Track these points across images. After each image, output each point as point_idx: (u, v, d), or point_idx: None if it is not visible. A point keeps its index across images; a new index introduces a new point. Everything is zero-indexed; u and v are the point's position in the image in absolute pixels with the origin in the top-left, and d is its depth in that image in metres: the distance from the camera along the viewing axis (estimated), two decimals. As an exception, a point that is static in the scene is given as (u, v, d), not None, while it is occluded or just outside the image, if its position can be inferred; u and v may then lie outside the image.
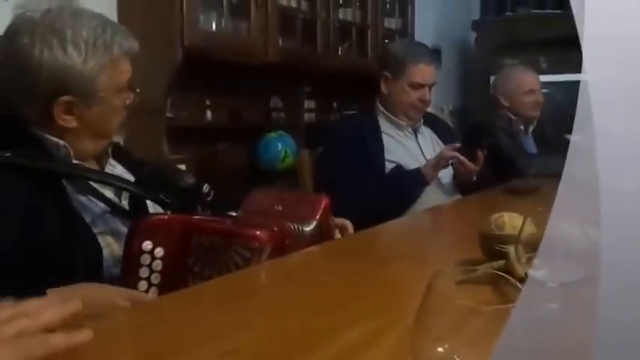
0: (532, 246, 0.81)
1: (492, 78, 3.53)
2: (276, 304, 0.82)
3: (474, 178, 2.01)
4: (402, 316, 0.67)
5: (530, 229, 0.82)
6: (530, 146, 2.61)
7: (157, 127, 2.00)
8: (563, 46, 3.63)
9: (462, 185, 2.03)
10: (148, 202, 1.14)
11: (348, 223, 1.29)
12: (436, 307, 0.47)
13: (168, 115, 2.09)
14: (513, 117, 2.61)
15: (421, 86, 2.03)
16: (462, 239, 1.03)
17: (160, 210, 1.14)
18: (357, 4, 2.78)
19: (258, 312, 0.78)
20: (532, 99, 2.60)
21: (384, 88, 2.07)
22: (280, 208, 1.15)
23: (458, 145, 1.94)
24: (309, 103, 2.85)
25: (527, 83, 2.61)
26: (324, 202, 1.16)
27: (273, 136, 2.52)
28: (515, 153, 2.44)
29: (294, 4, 2.47)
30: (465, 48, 4.06)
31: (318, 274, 0.96)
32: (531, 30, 3.62)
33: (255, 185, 2.47)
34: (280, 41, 2.35)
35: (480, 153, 1.96)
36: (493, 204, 1.72)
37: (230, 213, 1.15)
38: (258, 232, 1.00)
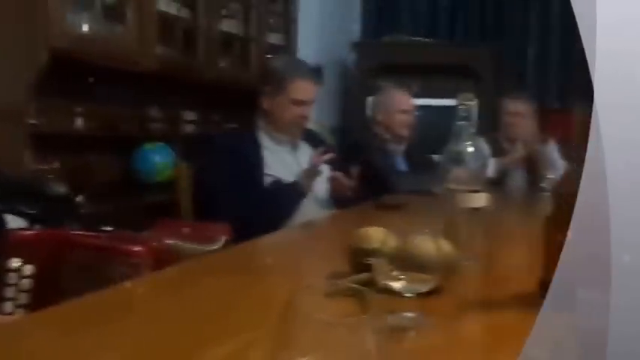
0: (395, 259, 0.87)
1: (369, 98, 3.73)
2: (146, 322, 0.81)
3: (349, 193, 2.09)
4: (271, 329, 0.69)
5: (393, 242, 0.88)
6: (401, 165, 2.77)
7: (18, 133, 1.86)
8: (433, 73, 3.94)
9: (338, 200, 2.11)
10: (8, 216, 1.06)
11: None
12: (296, 322, 0.49)
13: (32, 121, 1.95)
14: (387, 136, 2.76)
15: (302, 103, 2.09)
16: (335, 252, 1.07)
17: (21, 224, 1.07)
18: (241, 16, 2.80)
19: (126, 331, 0.76)
20: (404, 118, 2.77)
21: (265, 104, 2.10)
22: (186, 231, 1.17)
23: (323, 148, 2.01)
24: (189, 115, 2.81)
25: (401, 103, 2.79)
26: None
27: (150, 148, 2.45)
28: (387, 171, 2.59)
29: (174, 11, 2.42)
30: (347, 67, 4.23)
31: (194, 289, 0.96)
32: (406, 55, 3.87)
33: (131, 198, 2.40)
34: (159, 49, 2.30)
35: (354, 169, 2.05)
36: (365, 218, 1.81)
37: (105, 228, 1.11)
38: (137, 248, 0.98)
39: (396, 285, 0.77)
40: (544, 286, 0.91)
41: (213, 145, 2.12)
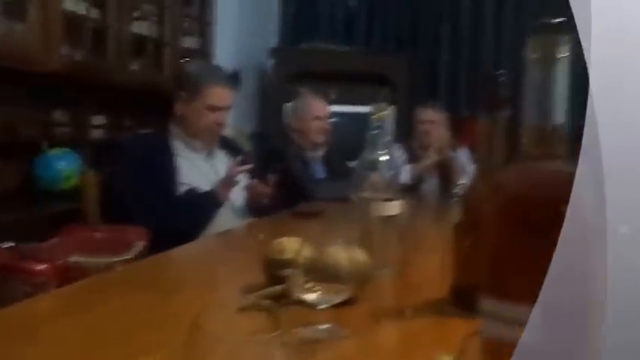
0: (310, 269, 0.86)
1: (287, 105, 3.74)
2: (48, 344, 0.75)
3: (266, 201, 2.08)
4: (180, 349, 0.66)
5: (308, 252, 0.88)
6: (319, 172, 2.80)
7: None
8: (350, 80, 4.02)
9: (255, 208, 2.09)
10: None
11: None
12: (207, 340, 0.48)
13: None
14: (303, 143, 2.78)
15: (217, 109, 2.05)
16: (252, 263, 1.05)
17: None
18: (154, 18, 2.71)
19: (25, 354, 0.71)
20: (318, 125, 2.80)
21: (179, 109, 2.05)
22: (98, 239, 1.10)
23: (241, 158, 1.99)
24: (98, 119, 2.68)
25: (316, 109, 2.82)
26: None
27: (54, 154, 2.32)
28: (305, 178, 2.60)
29: (82, 11, 2.31)
30: (265, 73, 4.21)
31: (101, 307, 0.91)
32: (323, 62, 3.92)
33: (33, 208, 2.25)
34: (64, 49, 2.18)
35: (271, 177, 2.04)
36: (283, 227, 1.80)
37: (5, 243, 1.04)
38: (40, 267, 0.93)
39: (310, 297, 0.77)
40: (453, 291, 0.95)
41: (123, 150, 2.04)
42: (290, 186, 2.48)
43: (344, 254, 0.82)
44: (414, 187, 3.19)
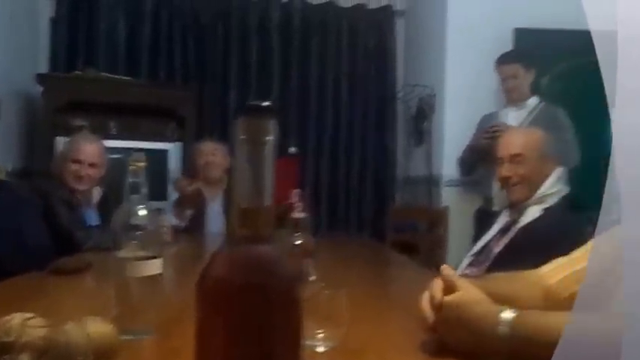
0: (44, 352, 0.78)
1: (57, 138, 3.44)
2: None
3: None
4: None
5: (40, 331, 0.79)
6: (92, 218, 2.59)
7: None
8: (135, 113, 3.86)
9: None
10: None
11: None
12: None
13: None
14: (67, 187, 2.55)
15: None
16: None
17: None
18: None
19: None
20: (74, 169, 2.52)
21: None
22: None
23: None
24: None
25: (76, 152, 2.55)
26: None
27: None
28: (72, 225, 2.39)
29: None
30: (33, 102, 3.85)
31: None
32: (102, 92, 3.71)
33: None
34: None
35: None
36: (38, 287, 1.61)
37: None
38: None
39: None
40: None
41: None
42: (55, 235, 2.26)
43: (81, 330, 0.75)
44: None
